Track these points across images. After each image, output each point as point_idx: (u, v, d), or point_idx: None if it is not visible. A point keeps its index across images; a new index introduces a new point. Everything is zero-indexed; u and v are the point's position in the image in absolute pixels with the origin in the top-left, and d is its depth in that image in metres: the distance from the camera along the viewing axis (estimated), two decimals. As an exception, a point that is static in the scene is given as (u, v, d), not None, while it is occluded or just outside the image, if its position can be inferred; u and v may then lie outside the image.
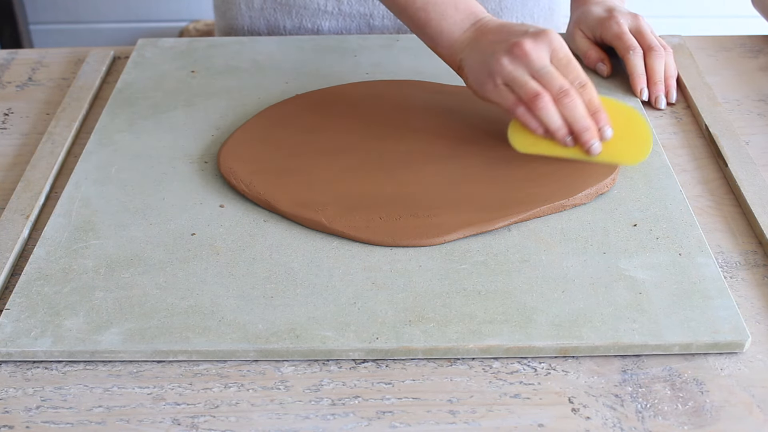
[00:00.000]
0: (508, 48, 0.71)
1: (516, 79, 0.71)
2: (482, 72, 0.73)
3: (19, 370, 0.58)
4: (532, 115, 0.72)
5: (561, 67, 0.72)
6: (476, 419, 0.55)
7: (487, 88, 0.73)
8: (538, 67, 0.71)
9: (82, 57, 0.95)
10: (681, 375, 0.58)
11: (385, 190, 0.71)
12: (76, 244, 0.67)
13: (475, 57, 0.74)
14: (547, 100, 0.71)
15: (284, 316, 0.60)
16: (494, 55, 0.72)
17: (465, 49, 0.75)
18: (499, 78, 0.72)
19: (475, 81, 0.74)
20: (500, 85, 0.72)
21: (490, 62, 0.72)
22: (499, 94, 0.73)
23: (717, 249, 0.68)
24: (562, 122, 0.71)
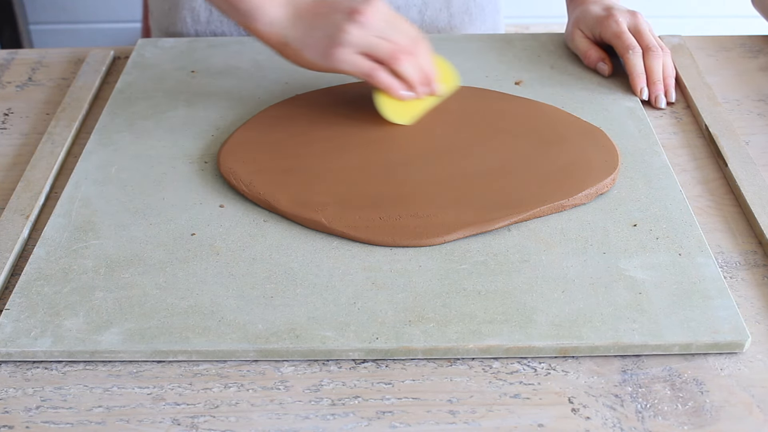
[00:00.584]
0: (349, 17, 0.74)
1: (371, 44, 0.74)
2: (326, 45, 0.74)
3: (19, 370, 0.58)
4: (391, 75, 0.75)
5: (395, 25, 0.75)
6: (476, 419, 0.55)
7: (337, 59, 0.74)
8: (382, 29, 0.74)
9: (82, 57, 0.95)
10: (681, 375, 0.58)
11: (385, 190, 0.71)
12: (76, 244, 0.67)
13: (308, 32, 0.75)
14: (404, 56, 0.75)
15: (284, 316, 0.60)
16: (337, 26, 0.74)
17: (288, 26, 0.76)
18: (350, 47, 0.73)
19: (317, 55, 0.75)
20: (353, 53, 0.74)
21: (334, 34, 0.74)
22: (353, 62, 0.74)
23: (717, 249, 0.68)
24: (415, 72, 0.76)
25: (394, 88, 0.76)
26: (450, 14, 1.03)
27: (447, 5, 1.02)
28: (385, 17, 0.75)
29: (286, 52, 0.77)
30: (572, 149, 0.76)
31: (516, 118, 0.80)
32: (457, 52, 0.93)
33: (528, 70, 0.90)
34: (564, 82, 0.88)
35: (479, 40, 0.96)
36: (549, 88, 0.87)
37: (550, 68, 0.91)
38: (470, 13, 1.04)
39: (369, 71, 0.75)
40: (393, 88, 0.76)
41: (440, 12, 1.02)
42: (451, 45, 0.95)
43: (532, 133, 0.78)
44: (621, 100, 0.85)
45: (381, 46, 0.74)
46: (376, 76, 0.75)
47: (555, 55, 0.93)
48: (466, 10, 1.04)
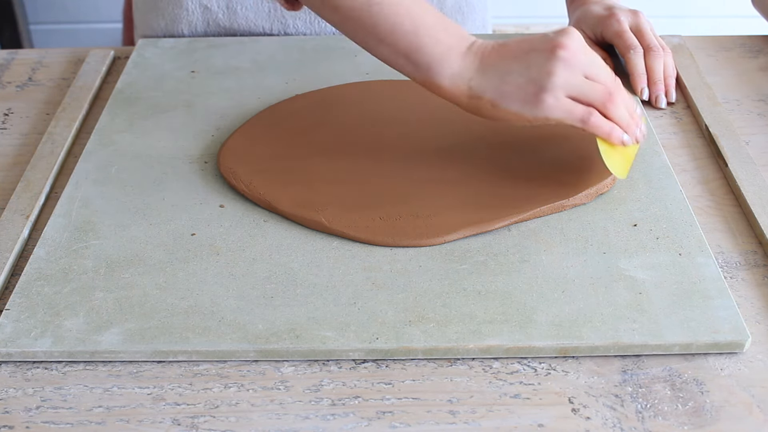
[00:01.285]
0: (552, 55, 0.64)
1: (582, 87, 0.65)
2: (531, 91, 0.65)
3: (19, 370, 0.58)
4: (604, 120, 0.67)
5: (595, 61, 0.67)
6: (476, 419, 0.55)
7: (547, 106, 0.65)
8: (586, 65, 0.66)
9: (82, 57, 0.95)
10: (681, 375, 0.58)
11: (385, 190, 0.71)
12: (76, 245, 0.67)
13: (503, 79, 0.66)
14: (615, 98, 0.67)
15: (284, 317, 0.60)
16: (540, 67, 0.65)
17: (476, 75, 0.67)
18: (559, 90, 0.65)
19: (521, 104, 0.66)
20: (563, 98, 0.65)
21: (539, 78, 0.65)
22: (565, 109, 0.65)
23: (717, 249, 0.68)
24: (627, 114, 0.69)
25: (616, 133, 0.67)
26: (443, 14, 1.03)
27: (440, 5, 1.02)
28: (585, 51, 0.66)
29: (480, 106, 0.67)
30: (572, 149, 0.76)
31: (516, 118, 0.80)
32: (457, 52, 0.93)
33: (528, 70, 0.90)
34: (564, 82, 0.88)
35: (479, 40, 0.96)
36: (549, 88, 0.87)
37: (550, 68, 0.90)
38: (462, 12, 1.04)
39: (585, 117, 0.66)
40: (615, 133, 0.67)
41: None
42: (451, 45, 0.95)
43: (532, 133, 0.78)
44: (621, 100, 0.85)
45: (592, 89, 0.66)
46: (593, 122, 0.66)
47: (555, 55, 0.93)
48: (459, 9, 1.03)
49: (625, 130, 0.68)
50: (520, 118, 0.67)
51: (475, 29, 1.07)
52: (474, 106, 0.68)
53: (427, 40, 0.67)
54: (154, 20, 1.00)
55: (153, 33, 1.01)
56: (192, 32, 0.99)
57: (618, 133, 0.68)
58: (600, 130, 0.67)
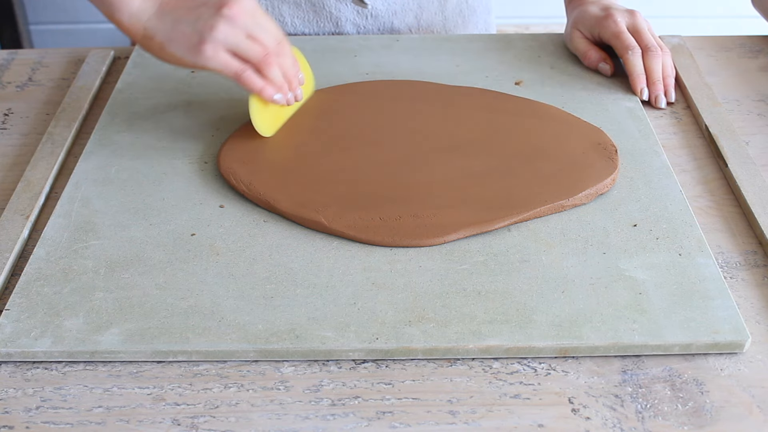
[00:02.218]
0: (217, 12, 0.71)
1: (239, 44, 0.71)
2: (194, 41, 0.71)
3: (19, 370, 0.58)
4: (258, 77, 0.73)
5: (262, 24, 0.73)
6: (476, 419, 0.55)
7: (205, 56, 0.71)
8: (251, 27, 0.71)
9: (82, 57, 0.95)
10: (681, 375, 0.58)
11: (385, 190, 0.71)
12: (76, 245, 0.67)
13: (173, 26, 0.72)
14: (273, 59, 0.72)
15: (284, 317, 0.60)
16: (205, 21, 0.71)
17: (153, 18, 0.73)
18: (219, 44, 0.70)
19: (184, 50, 0.72)
20: (221, 51, 0.71)
21: (202, 30, 0.70)
22: (221, 61, 0.71)
23: (717, 249, 0.68)
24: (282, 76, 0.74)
25: (267, 91, 0.73)
26: (444, 17, 1.03)
27: (441, 8, 1.02)
28: (253, 14, 0.72)
29: (150, 45, 0.74)
30: (572, 149, 0.76)
31: (516, 118, 0.80)
32: (457, 53, 0.93)
33: (528, 70, 0.90)
34: (564, 82, 0.88)
35: (479, 41, 0.96)
36: (549, 88, 0.87)
37: (550, 68, 0.91)
38: (463, 15, 1.04)
39: (238, 72, 0.72)
40: (265, 91, 0.73)
41: (435, 15, 1.02)
42: (451, 45, 0.95)
43: (532, 133, 0.78)
44: (621, 100, 0.85)
45: (250, 48, 0.72)
46: (246, 77, 0.72)
47: (555, 55, 0.93)
48: (460, 12, 1.04)
49: (278, 90, 0.74)
50: (183, 63, 0.73)
51: (477, 31, 1.07)
52: (146, 46, 0.74)
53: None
54: None
55: None
56: None
57: (270, 91, 0.74)
58: (253, 86, 0.73)
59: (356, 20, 0.98)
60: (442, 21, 1.03)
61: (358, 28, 0.99)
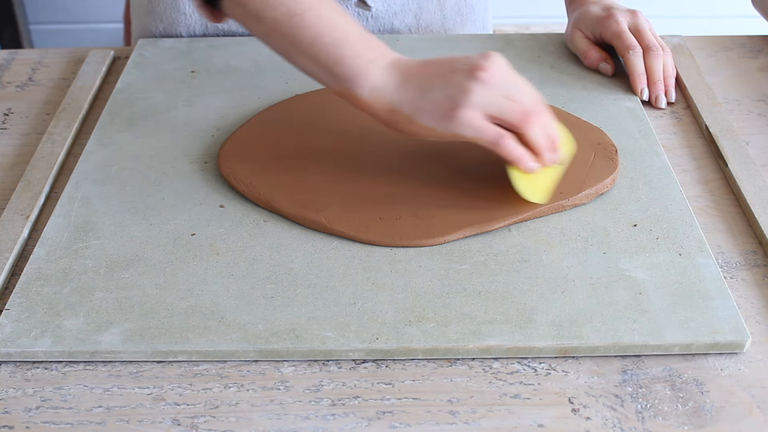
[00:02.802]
0: (471, 75, 0.65)
1: (499, 105, 0.65)
2: (447, 107, 0.65)
3: (19, 370, 0.58)
4: (517, 145, 0.66)
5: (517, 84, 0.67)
6: (476, 419, 0.55)
7: (460, 122, 0.65)
8: (507, 87, 0.66)
9: (82, 57, 0.95)
10: (681, 375, 0.58)
11: (385, 190, 0.71)
12: (76, 245, 0.67)
13: (422, 95, 0.66)
14: (533, 120, 0.66)
15: (284, 317, 0.60)
16: (458, 85, 0.65)
17: (397, 90, 0.67)
18: (475, 109, 0.65)
19: (436, 119, 0.66)
20: (478, 117, 0.65)
21: (455, 95, 0.65)
22: (477, 127, 0.65)
23: (717, 249, 0.68)
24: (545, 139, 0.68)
25: (525, 160, 0.66)
26: (443, 16, 1.03)
27: (440, 8, 1.02)
28: (507, 74, 0.66)
29: (396, 120, 0.68)
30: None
31: (516, 118, 0.80)
32: (458, 53, 0.93)
33: (528, 70, 0.90)
34: (564, 82, 0.88)
35: (479, 41, 0.96)
36: (549, 88, 0.87)
37: (550, 68, 0.91)
38: (462, 14, 1.04)
39: (496, 139, 0.65)
40: (523, 160, 0.66)
41: (434, 15, 1.02)
42: (451, 45, 0.95)
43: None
44: (621, 100, 0.85)
45: (509, 109, 0.65)
46: (504, 145, 0.65)
47: (555, 55, 0.93)
48: (458, 11, 1.04)
49: (537, 154, 0.67)
50: (434, 134, 0.67)
51: (475, 30, 1.07)
52: (392, 121, 0.68)
53: (348, 53, 0.67)
54: (151, 24, 1.00)
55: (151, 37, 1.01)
56: (190, 35, 0.99)
57: (526, 160, 0.67)
58: (509, 155, 0.66)
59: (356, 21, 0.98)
60: (441, 20, 1.03)
61: None
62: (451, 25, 1.04)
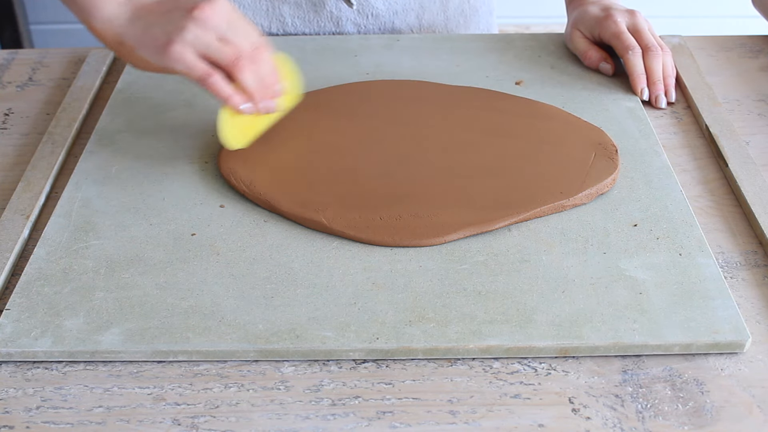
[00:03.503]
0: (189, 14, 0.68)
1: (209, 45, 0.68)
2: (162, 42, 0.68)
3: (19, 370, 0.58)
4: (226, 84, 0.68)
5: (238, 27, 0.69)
6: (476, 419, 0.55)
7: (171, 57, 0.68)
8: (224, 30, 0.68)
9: (82, 57, 0.95)
10: (681, 375, 0.58)
11: (385, 190, 0.71)
12: (76, 245, 0.67)
13: (144, 29, 0.70)
14: (245, 63, 0.68)
15: (284, 317, 0.60)
16: (175, 22, 0.68)
17: (125, 23, 0.71)
18: (187, 46, 0.67)
19: (152, 52, 0.69)
20: (188, 53, 0.67)
21: (171, 31, 0.68)
22: (187, 62, 0.68)
23: (717, 249, 0.68)
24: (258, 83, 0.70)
25: (233, 99, 0.69)
26: (446, 17, 1.03)
27: (443, 8, 1.02)
28: (228, 17, 0.69)
29: (122, 51, 0.72)
30: (572, 149, 0.76)
31: (516, 118, 0.80)
32: (458, 52, 0.93)
33: (528, 70, 0.90)
34: (564, 82, 0.88)
35: (479, 40, 0.96)
36: (549, 88, 0.87)
37: (550, 68, 0.91)
38: (465, 15, 1.04)
39: (204, 75, 0.68)
40: (232, 99, 0.69)
41: (437, 15, 1.02)
42: (451, 45, 0.95)
43: (532, 133, 0.78)
44: (621, 100, 0.85)
45: (221, 50, 0.68)
46: (211, 82, 0.68)
47: (555, 55, 0.93)
48: (461, 12, 1.04)
49: (250, 98, 0.69)
50: (152, 67, 0.71)
51: (479, 31, 1.07)
52: (118, 51, 0.73)
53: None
54: None
55: None
56: None
57: (236, 100, 0.69)
58: (218, 93, 0.68)
59: (357, 20, 0.98)
60: (443, 21, 1.03)
61: (358, 28, 0.99)
62: (454, 26, 1.04)
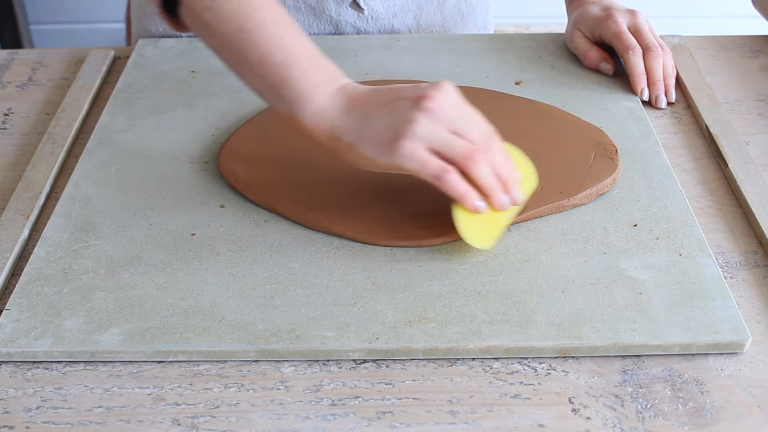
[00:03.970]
0: (416, 104, 0.61)
1: (443, 139, 0.61)
2: (389, 137, 0.62)
3: (19, 370, 0.58)
4: (462, 181, 0.63)
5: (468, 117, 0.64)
6: (476, 419, 0.55)
7: (402, 153, 0.61)
8: (454, 120, 0.62)
9: (82, 57, 0.95)
10: (681, 375, 0.58)
11: (385, 190, 0.71)
12: (76, 245, 0.67)
13: (365, 123, 0.63)
14: (481, 157, 0.62)
15: (284, 317, 0.60)
16: (402, 115, 0.62)
17: (340, 116, 0.64)
18: (418, 141, 0.61)
19: (377, 149, 0.62)
20: (420, 149, 0.61)
21: (398, 124, 0.61)
22: (420, 159, 0.61)
23: (717, 249, 0.68)
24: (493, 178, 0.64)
25: (469, 198, 0.63)
26: (443, 16, 1.03)
27: (440, 8, 1.01)
28: (457, 106, 0.63)
29: (337, 147, 0.64)
30: (572, 149, 0.76)
31: (516, 118, 0.80)
32: (458, 52, 0.93)
33: (528, 70, 0.90)
34: (564, 82, 0.88)
35: (479, 40, 0.96)
36: (549, 88, 0.87)
37: (550, 68, 0.91)
38: (462, 14, 1.04)
39: (439, 173, 0.61)
40: (468, 197, 0.63)
41: (434, 15, 1.02)
42: (451, 45, 0.95)
43: (532, 133, 0.78)
44: (621, 100, 0.85)
45: (455, 143, 0.61)
46: (446, 180, 0.62)
47: (555, 55, 0.93)
48: (458, 11, 1.03)
49: (487, 194, 0.63)
50: (375, 165, 0.64)
51: (476, 30, 1.07)
52: (334, 147, 0.65)
53: (296, 74, 0.64)
54: (151, 24, 1.00)
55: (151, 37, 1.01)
56: (191, 36, 0.99)
57: (472, 198, 0.63)
58: (453, 191, 0.62)
59: (356, 23, 0.98)
60: (441, 21, 1.02)
61: (358, 31, 0.99)
62: (451, 26, 1.04)
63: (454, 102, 0.63)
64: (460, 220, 0.64)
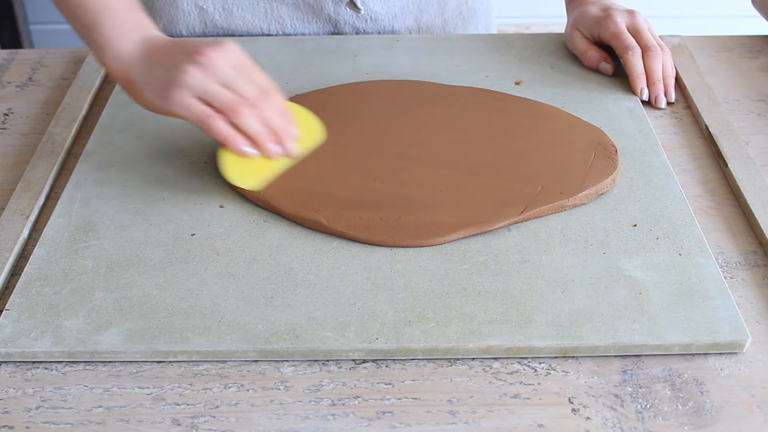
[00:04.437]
0: (191, 58, 0.67)
1: (209, 90, 0.67)
2: (164, 84, 0.68)
3: (19, 370, 0.58)
4: (227, 125, 0.68)
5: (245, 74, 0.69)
6: (476, 419, 0.55)
7: (172, 100, 0.68)
8: (227, 75, 0.68)
9: (82, 57, 0.95)
10: (681, 375, 0.58)
11: (385, 190, 0.71)
12: (76, 245, 0.67)
13: (151, 70, 0.70)
14: (246, 109, 0.68)
15: (284, 317, 0.60)
16: (178, 66, 0.68)
17: (135, 62, 0.71)
18: (186, 90, 0.67)
19: (155, 94, 0.69)
20: (188, 97, 0.67)
21: (173, 74, 0.67)
22: (187, 106, 0.67)
23: (717, 249, 0.68)
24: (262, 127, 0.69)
25: (234, 141, 0.68)
26: (444, 19, 1.03)
27: (441, 11, 1.01)
28: (234, 63, 0.69)
29: (130, 89, 0.73)
30: (572, 149, 0.76)
31: (516, 118, 0.80)
32: (457, 53, 0.93)
33: (528, 70, 0.90)
34: (564, 82, 0.88)
35: (479, 41, 0.96)
36: (549, 88, 0.87)
37: (550, 68, 0.91)
38: (463, 17, 1.04)
39: (203, 117, 0.67)
40: (231, 140, 0.68)
41: (435, 18, 1.02)
42: (450, 45, 0.95)
43: (532, 133, 0.78)
44: (621, 100, 0.85)
45: (220, 94, 0.67)
46: (210, 123, 0.67)
47: (555, 55, 0.93)
48: (459, 14, 1.03)
49: (255, 142, 0.69)
50: (155, 108, 0.71)
51: (477, 33, 1.07)
52: (127, 89, 0.73)
53: (106, 21, 0.72)
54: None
55: None
56: (190, 33, 0.99)
57: (237, 141, 0.68)
58: (217, 135, 0.68)
59: (355, 23, 0.98)
60: (441, 23, 1.02)
61: (357, 31, 0.99)
62: (452, 29, 1.04)
63: (230, 59, 0.69)
64: (226, 162, 0.70)
